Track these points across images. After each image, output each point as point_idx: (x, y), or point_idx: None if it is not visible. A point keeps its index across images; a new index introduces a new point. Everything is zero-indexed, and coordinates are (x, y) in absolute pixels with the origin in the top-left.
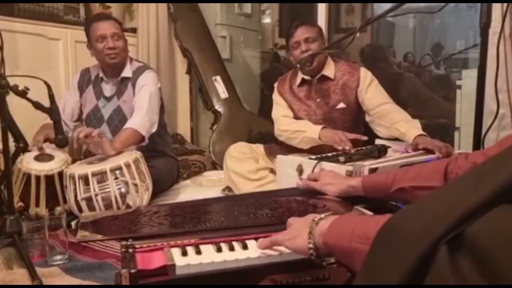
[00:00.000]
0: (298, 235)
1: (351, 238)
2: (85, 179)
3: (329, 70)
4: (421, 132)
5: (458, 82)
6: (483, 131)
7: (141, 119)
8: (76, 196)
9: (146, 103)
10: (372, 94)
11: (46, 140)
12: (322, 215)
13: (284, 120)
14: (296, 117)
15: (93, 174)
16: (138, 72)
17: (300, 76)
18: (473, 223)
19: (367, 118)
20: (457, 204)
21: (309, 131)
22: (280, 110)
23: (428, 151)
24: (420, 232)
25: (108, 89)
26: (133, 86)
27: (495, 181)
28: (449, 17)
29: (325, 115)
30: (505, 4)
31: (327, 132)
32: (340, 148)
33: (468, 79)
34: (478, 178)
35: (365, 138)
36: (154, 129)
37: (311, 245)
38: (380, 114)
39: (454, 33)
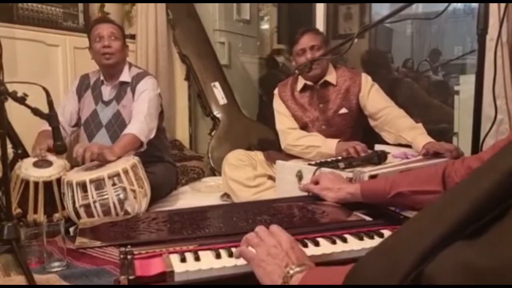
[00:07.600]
0: (270, 272)
1: None
2: (83, 186)
3: (331, 76)
4: (428, 139)
5: (456, 88)
6: (482, 137)
7: (140, 124)
8: (74, 203)
9: (145, 109)
10: (373, 98)
11: (48, 150)
12: (298, 268)
13: (293, 133)
14: (300, 124)
15: (91, 181)
16: (137, 78)
17: (302, 81)
18: (431, 262)
19: (372, 124)
20: (416, 242)
21: (324, 147)
22: (285, 122)
23: (437, 154)
24: (383, 278)
25: (107, 93)
26: (133, 91)
27: (453, 215)
28: (446, 23)
29: (328, 120)
30: (502, 10)
31: (341, 147)
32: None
33: (465, 85)
34: (437, 212)
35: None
36: (152, 135)
37: None
38: (384, 119)
39: (452, 39)
